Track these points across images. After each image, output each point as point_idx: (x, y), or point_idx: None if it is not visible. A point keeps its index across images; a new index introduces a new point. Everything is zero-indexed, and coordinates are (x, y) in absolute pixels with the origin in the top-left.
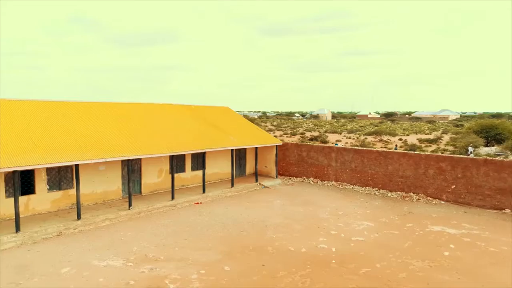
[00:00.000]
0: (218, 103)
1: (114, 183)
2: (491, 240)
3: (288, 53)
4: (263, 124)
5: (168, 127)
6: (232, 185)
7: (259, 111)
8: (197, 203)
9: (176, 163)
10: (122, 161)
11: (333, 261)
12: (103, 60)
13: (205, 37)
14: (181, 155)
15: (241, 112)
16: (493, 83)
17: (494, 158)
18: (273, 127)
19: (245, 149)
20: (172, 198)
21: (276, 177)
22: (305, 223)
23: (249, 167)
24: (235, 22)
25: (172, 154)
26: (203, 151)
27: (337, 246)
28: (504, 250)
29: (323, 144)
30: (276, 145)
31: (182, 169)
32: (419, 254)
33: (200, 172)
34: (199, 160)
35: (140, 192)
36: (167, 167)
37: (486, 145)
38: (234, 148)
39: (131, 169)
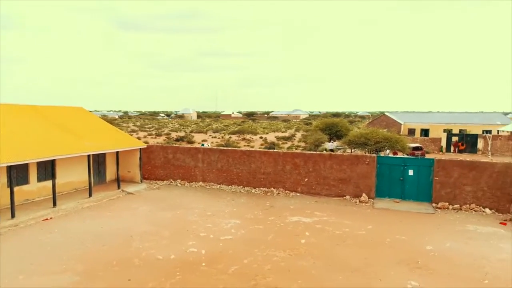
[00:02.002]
0: (71, 103)
1: None
2: (337, 224)
3: (150, 50)
4: (124, 124)
5: (5, 132)
6: (90, 195)
7: (120, 111)
8: (47, 219)
9: (17, 174)
10: None
11: (203, 263)
12: None
13: (51, 26)
14: (23, 164)
15: (99, 112)
16: (332, 88)
17: (336, 153)
18: (136, 128)
19: (104, 154)
20: (12, 216)
21: (141, 181)
22: (174, 228)
23: (110, 173)
24: (90, 13)
25: (9, 164)
26: (52, 158)
27: (207, 247)
28: (346, 231)
29: (189, 145)
30: (140, 148)
31: (25, 181)
32: (281, 245)
33: (49, 183)
34: (48, 169)
35: None
36: (4, 179)
37: (330, 141)
38: (91, 153)
39: None
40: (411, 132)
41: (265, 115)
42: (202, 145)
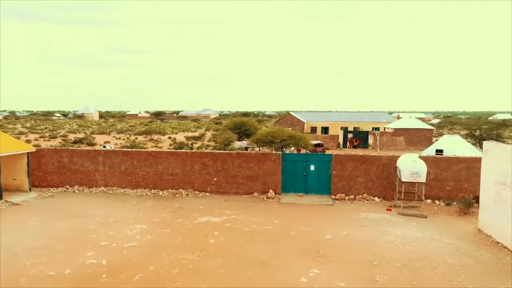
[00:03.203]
0: None
1: None
2: (245, 221)
3: (44, 43)
4: (11, 126)
5: None
6: None
7: (4, 111)
8: None
9: None
10: None
11: (104, 275)
12: None
13: None
14: None
15: None
16: (242, 88)
17: (244, 152)
18: (25, 130)
19: None
20: None
21: (30, 190)
22: (70, 240)
23: None
24: None
25: None
26: None
27: (108, 257)
28: (255, 228)
29: (88, 148)
30: (28, 152)
31: None
32: (190, 247)
33: None
34: None
35: None
36: None
37: (239, 140)
38: None
39: None
40: (313, 130)
41: (174, 114)
42: (104, 147)
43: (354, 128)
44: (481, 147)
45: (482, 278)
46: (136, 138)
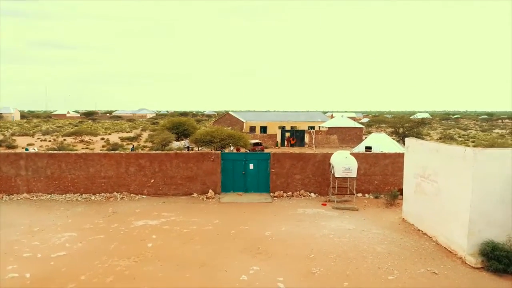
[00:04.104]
0: None
1: None
2: (185, 223)
3: None
4: None
5: None
6: None
7: None
8: None
9: None
10: None
11: None
12: None
13: None
14: None
15: None
16: (180, 87)
17: (182, 152)
18: None
19: None
20: None
21: None
22: None
23: None
24: None
25: None
26: None
27: (33, 270)
28: (194, 229)
29: (7, 151)
30: None
31: None
32: (125, 253)
33: None
34: None
35: None
36: None
37: (177, 140)
38: None
39: None
40: (252, 129)
41: (108, 114)
42: (26, 149)
43: (291, 127)
44: (404, 144)
45: (406, 263)
46: (64, 139)
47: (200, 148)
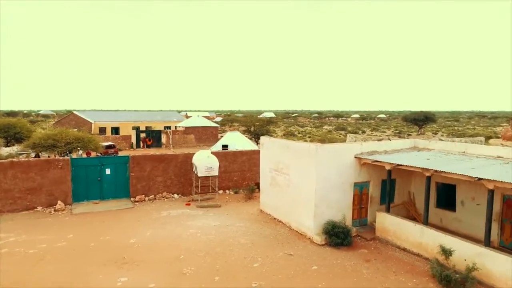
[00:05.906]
0: None
1: None
2: (29, 243)
3: None
4: None
5: None
6: None
7: None
8: None
9: None
10: None
11: None
12: None
13: None
14: None
15: None
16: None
17: (20, 159)
18: None
19: None
20: None
21: None
22: None
23: None
24: None
25: None
26: None
27: None
28: (43, 247)
29: None
30: None
31: None
32: None
33: None
34: None
35: None
36: None
37: (7, 145)
38: None
39: None
40: (102, 130)
41: None
42: None
43: (146, 127)
44: (257, 141)
45: (267, 250)
46: None
47: (40, 154)
